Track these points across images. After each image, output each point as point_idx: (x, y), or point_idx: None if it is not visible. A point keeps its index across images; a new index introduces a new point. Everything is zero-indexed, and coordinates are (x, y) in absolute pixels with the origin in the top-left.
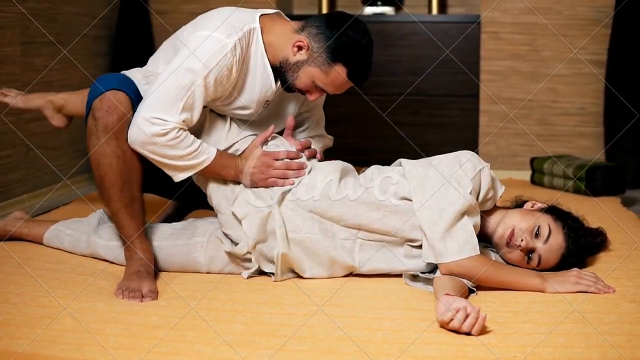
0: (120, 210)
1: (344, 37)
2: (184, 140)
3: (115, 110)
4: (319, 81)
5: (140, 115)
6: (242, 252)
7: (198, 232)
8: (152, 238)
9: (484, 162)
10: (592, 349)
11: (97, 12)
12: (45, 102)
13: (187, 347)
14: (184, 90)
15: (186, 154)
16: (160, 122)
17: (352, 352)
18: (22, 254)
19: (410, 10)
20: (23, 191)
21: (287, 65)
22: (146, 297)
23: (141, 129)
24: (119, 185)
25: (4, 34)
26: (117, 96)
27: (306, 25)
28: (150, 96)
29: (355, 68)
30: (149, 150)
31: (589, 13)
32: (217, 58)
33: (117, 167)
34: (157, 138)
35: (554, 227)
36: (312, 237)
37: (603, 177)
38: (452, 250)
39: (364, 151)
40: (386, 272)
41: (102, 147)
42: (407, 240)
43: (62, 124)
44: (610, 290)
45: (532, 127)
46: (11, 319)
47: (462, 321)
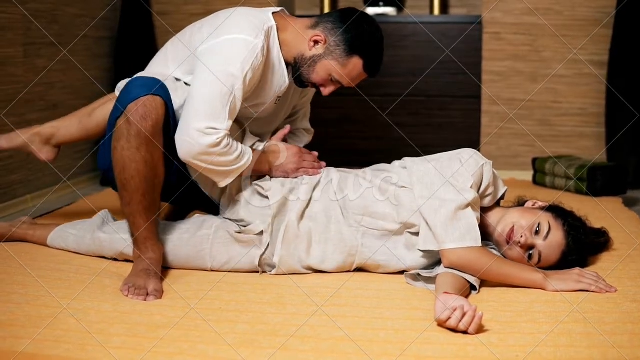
0: (140, 212)
1: (360, 30)
2: (233, 145)
3: (150, 116)
4: (336, 74)
5: (192, 127)
6: (257, 231)
7: (205, 225)
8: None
9: (486, 159)
10: (593, 348)
11: (99, 13)
12: (30, 136)
13: (190, 347)
14: (227, 96)
15: (234, 158)
16: (214, 132)
17: (355, 352)
18: (27, 255)
19: (412, 11)
20: (25, 192)
21: (302, 60)
22: (151, 295)
23: (196, 141)
24: (142, 189)
25: (6, 35)
26: (155, 102)
27: (320, 21)
28: (196, 107)
29: (371, 59)
30: (203, 161)
31: (590, 14)
32: (250, 59)
33: (144, 172)
34: (213, 148)
35: (554, 224)
36: (326, 212)
37: (604, 177)
38: (453, 236)
39: (364, 152)
40: (382, 265)
41: (132, 151)
42: (406, 227)
43: (51, 156)
44: (612, 289)
45: (533, 127)
46: (15, 319)
47: (459, 320)
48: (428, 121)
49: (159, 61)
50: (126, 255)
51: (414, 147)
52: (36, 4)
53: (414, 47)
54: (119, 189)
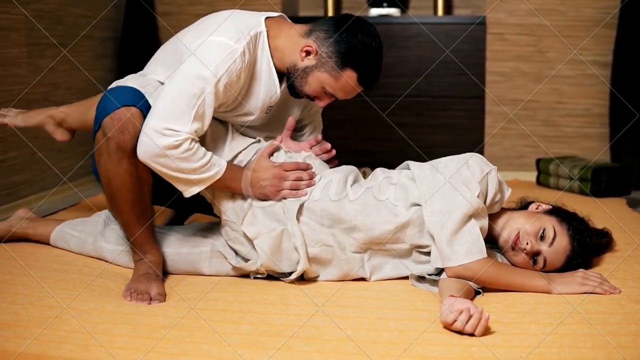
0: (132, 221)
1: (353, 41)
2: (197, 152)
3: (127, 129)
4: (329, 87)
5: (150, 126)
6: (252, 269)
7: (203, 241)
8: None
9: (492, 165)
10: (597, 349)
11: (102, 14)
12: (45, 117)
13: (194, 348)
14: (194, 99)
15: (199, 166)
16: (173, 133)
17: (359, 353)
18: (30, 255)
19: (416, 11)
20: (29, 192)
21: (295, 71)
22: (154, 299)
23: (153, 140)
24: (131, 200)
25: (10, 35)
26: (130, 113)
27: (313, 29)
28: (160, 106)
29: (365, 73)
30: (160, 164)
31: (594, 14)
32: (226, 64)
33: (130, 183)
34: (170, 151)
35: (559, 229)
36: (328, 249)
37: (608, 178)
38: (459, 254)
39: (368, 153)
40: (394, 277)
41: (114, 165)
42: (416, 247)
43: (66, 137)
44: (616, 291)
45: (537, 128)
46: (19, 319)
47: (465, 322)
48: (432, 122)
49: (151, 64)
50: (129, 266)
51: (416, 148)
52: (40, 5)
53: (418, 47)
54: (107, 201)
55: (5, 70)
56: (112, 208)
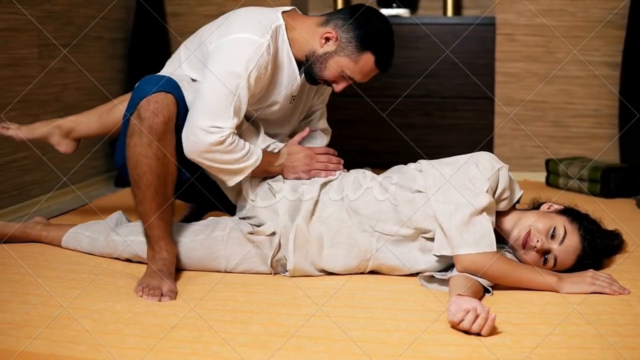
0: (153, 211)
1: (371, 26)
2: (238, 144)
3: (161, 113)
4: (348, 70)
5: (196, 125)
6: (268, 232)
7: (219, 227)
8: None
9: (503, 163)
10: (606, 350)
11: (113, 15)
12: (51, 128)
13: (204, 348)
14: (231, 95)
15: (240, 156)
16: (217, 130)
17: (368, 353)
18: (41, 255)
19: (425, 12)
20: (39, 193)
21: (314, 57)
22: (165, 295)
23: (200, 139)
24: (155, 186)
25: (20, 36)
26: (166, 99)
27: (331, 18)
28: (200, 106)
29: (383, 55)
30: (207, 159)
31: (603, 15)
32: (255, 58)
33: (156, 168)
34: (217, 146)
35: (570, 229)
36: (337, 215)
37: (618, 178)
38: (468, 242)
39: (375, 153)
40: (397, 268)
41: (143, 147)
42: (421, 232)
43: (70, 149)
44: (626, 291)
45: (546, 128)
46: (30, 319)
47: (472, 322)
48: (441, 122)
49: (173, 63)
50: (140, 257)
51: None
52: (50, 5)
53: (427, 48)
54: (131, 186)
55: (16, 71)
56: (135, 195)
